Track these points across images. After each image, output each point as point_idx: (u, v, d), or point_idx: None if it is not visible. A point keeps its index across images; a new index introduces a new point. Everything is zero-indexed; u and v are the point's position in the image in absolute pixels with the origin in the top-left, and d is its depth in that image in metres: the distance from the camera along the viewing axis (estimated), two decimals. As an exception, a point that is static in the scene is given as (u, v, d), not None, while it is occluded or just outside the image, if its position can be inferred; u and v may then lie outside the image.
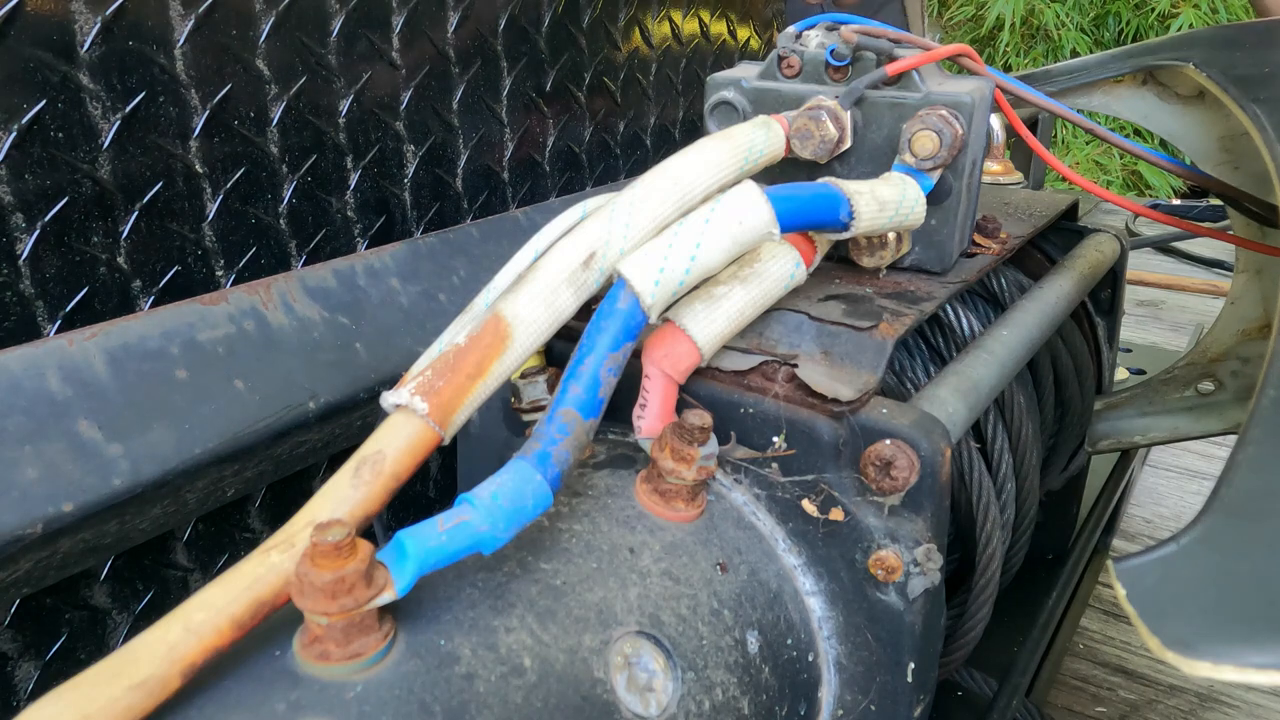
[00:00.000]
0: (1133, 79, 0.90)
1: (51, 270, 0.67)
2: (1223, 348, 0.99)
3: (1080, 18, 4.45)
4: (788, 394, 0.56)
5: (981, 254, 0.74)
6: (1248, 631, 0.32)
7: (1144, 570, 0.36)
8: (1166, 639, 0.33)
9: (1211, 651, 0.32)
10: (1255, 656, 0.31)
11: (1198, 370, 1.00)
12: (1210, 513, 0.37)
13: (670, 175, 0.55)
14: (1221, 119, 0.86)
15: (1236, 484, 0.39)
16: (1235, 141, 0.87)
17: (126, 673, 0.37)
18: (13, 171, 0.64)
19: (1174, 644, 0.32)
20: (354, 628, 0.39)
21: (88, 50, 0.66)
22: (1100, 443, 1.01)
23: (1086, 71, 0.90)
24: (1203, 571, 0.35)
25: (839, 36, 0.68)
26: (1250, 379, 0.97)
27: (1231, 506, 0.38)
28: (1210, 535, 0.36)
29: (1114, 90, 0.92)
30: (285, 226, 0.83)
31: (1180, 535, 0.37)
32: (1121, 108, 0.92)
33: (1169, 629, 0.33)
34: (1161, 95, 0.90)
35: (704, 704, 0.48)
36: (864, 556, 0.54)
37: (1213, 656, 0.32)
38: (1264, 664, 0.31)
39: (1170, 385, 1.02)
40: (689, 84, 1.36)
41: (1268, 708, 1.10)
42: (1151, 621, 0.34)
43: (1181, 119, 0.90)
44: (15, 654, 0.68)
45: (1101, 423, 1.01)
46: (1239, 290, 0.99)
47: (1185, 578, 0.35)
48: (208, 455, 0.70)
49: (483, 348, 0.48)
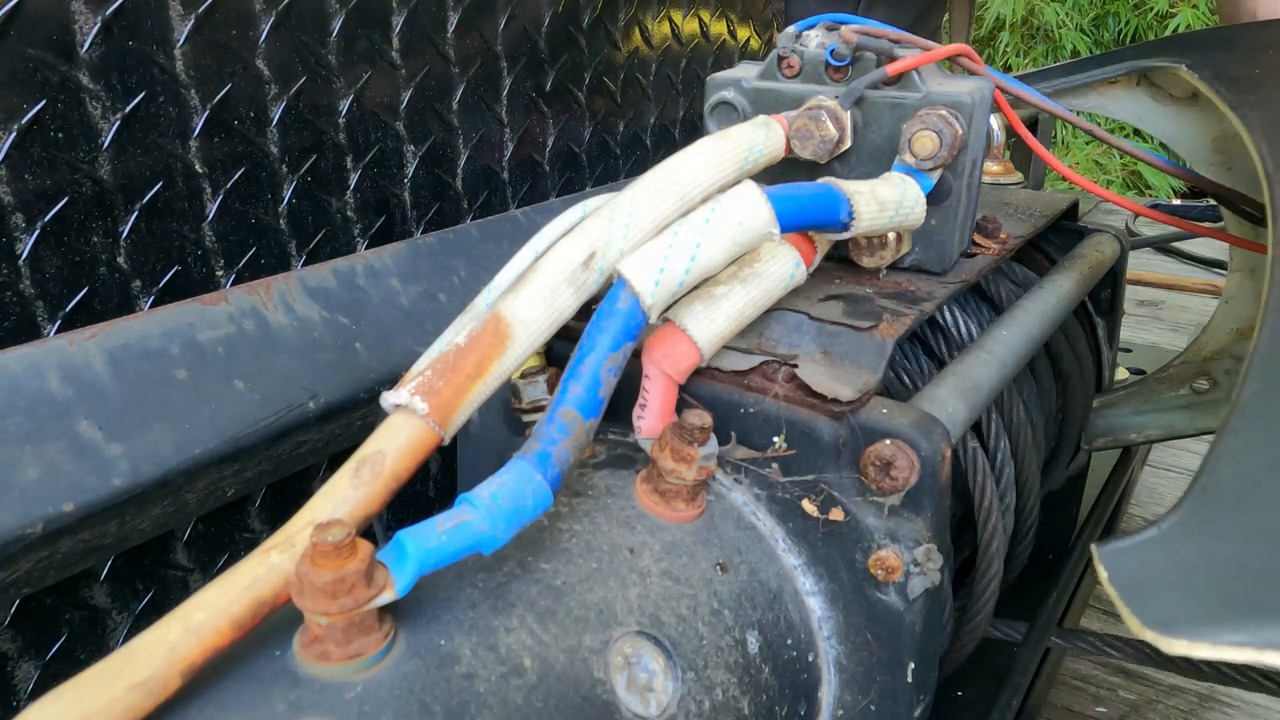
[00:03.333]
0: (1128, 80, 0.91)
1: (51, 270, 0.67)
2: (1218, 346, 0.99)
3: (1080, 18, 4.45)
4: (788, 394, 0.56)
5: (981, 254, 0.74)
6: (1224, 612, 0.33)
7: (1126, 554, 0.37)
8: (1146, 619, 0.34)
9: (1188, 630, 0.33)
10: (1230, 635, 0.32)
11: (1193, 368, 1.00)
12: (1190, 499, 0.39)
13: (670, 175, 0.55)
14: (1215, 120, 0.87)
15: (1216, 471, 0.40)
16: (1229, 142, 0.88)
17: (126, 673, 0.37)
18: (13, 171, 0.64)
19: (1153, 624, 0.33)
20: (354, 628, 0.39)
21: (88, 50, 0.66)
22: (1097, 440, 1.01)
23: (1082, 73, 0.91)
24: (1182, 555, 0.36)
25: (839, 36, 0.68)
26: (1245, 378, 0.98)
27: (1211, 493, 0.39)
28: (1190, 520, 0.38)
29: (1109, 91, 0.92)
30: (285, 226, 0.83)
31: (1161, 521, 0.38)
32: (1117, 109, 0.92)
33: (1149, 610, 0.34)
34: (1156, 96, 0.91)
35: (704, 704, 0.48)
36: (864, 556, 0.54)
37: (1189, 635, 0.33)
38: (1238, 642, 0.32)
39: (1166, 383, 1.02)
40: (689, 84, 1.36)
41: (1268, 708, 1.10)
42: (1132, 603, 0.35)
43: (1176, 120, 0.91)
44: (15, 654, 0.68)
45: (1098, 420, 1.01)
46: (1233, 289, 0.99)
47: (1165, 561, 0.36)
48: (208, 455, 0.70)
49: (483, 348, 0.48)
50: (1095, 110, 0.93)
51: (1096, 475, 1.12)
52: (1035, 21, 4.47)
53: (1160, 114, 0.91)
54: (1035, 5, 4.43)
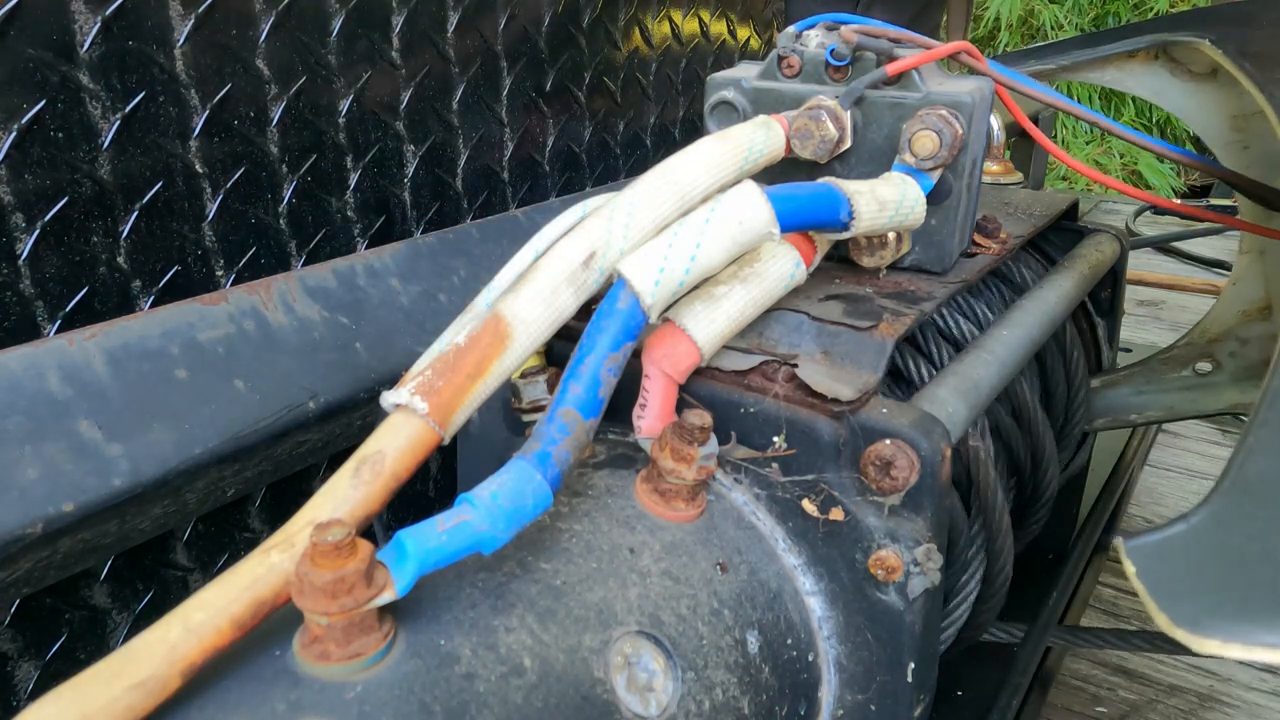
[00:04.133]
0: (1146, 55, 0.90)
1: (51, 270, 0.67)
2: (1223, 328, 0.98)
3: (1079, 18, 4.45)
4: (788, 394, 0.56)
5: (981, 254, 0.74)
6: (1256, 611, 0.32)
7: (1153, 548, 0.36)
8: (1175, 617, 0.33)
9: (1220, 630, 0.32)
10: (1263, 635, 0.32)
11: (1196, 350, 1.00)
12: (1221, 493, 0.37)
13: (670, 175, 0.55)
14: (1234, 97, 0.86)
15: (1248, 465, 0.38)
16: (1247, 121, 0.86)
17: (126, 673, 0.37)
18: (13, 171, 0.64)
19: (1183, 622, 0.33)
20: (354, 628, 0.39)
21: (88, 50, 0.66)
22: (1097, 420, 1.01)
23: (1101, 45, 0.89)
24: (1212, 551, 0.35)
25: (839, 36, 0.68)
26: (1248, 360, 0.97)
27: (1243, 487, 0.37)
28: (1220, 515, 0.36)
29: (1126, 65, 0.91)
30: (285, 226, 0.83)
31: (1190, 514, 0.37)
32: (1134, 83, 0.91)
33: (1178, 607, 0.33)
34: (1174, 71, 0.89)
35: (704, 704, 0.48)
36: (864, 556, 0.54)
37: (1221, 635, 0.32)
38: (1272, 643, 0.31)
39: (1168, 365, 1.01)
40: (689, 84, 1.36)
41: (1268, 708, 1.10)
42: (1160, 599, 0.34)
43: (1194, 96, 0.89)
44: (15, 654, 0.68)
45: (1099, 400, 1.01)
46: (1241, 271, 0.98)
47: (1194, 557, 0.35)
48: (208, 455, 0.70)
49: (483, 348, 0.48)
50: (1112, 85, 0.92)
51: (1096, 475, 1.12)
52: (1035, 22, 4.47)
53: (1178, 89, 0.89)
54: (1034, 5, 4.44)
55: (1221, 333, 0.98)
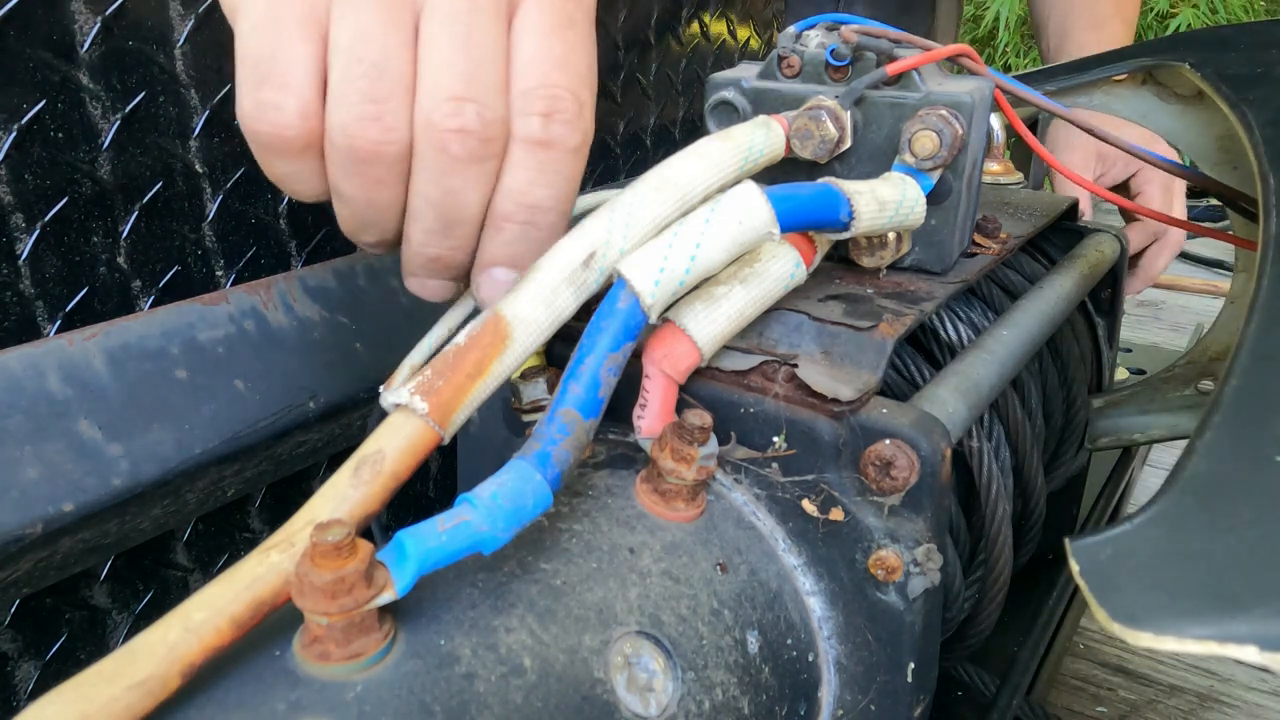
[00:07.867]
0: (1132, 78, 0.91)
1: (51, 270, 0.67)
2: (1223, 346, 0.99)
3: (1080, 18, 4.45)
4: (788, 394, 0.56)
5: (981, 254, 0.74)
6: (1190, 605, 0.33)
7: (1097, 548, 0.37)
8: (1113, 612, 0.34)
9: (1155, 623, 0.33)
10: (1195, 628, 0.32)
11: (1198, 369, 1.00)
12: (1164, 495, 0.39)
13: (670, 175, 0.55)
14: (1220, 119, 0.87)
15: (1190, 468, 0.40)
16: (1233, 141, 0.87)
17: (126, 673, 0.37)
18: (13, 171, 0.64)
19: (1119, 617, 0.33)
20: (354, 628, 0.39)
21: (88, 50, 0.66)
22: (1100, 440, 1.01)
23: (1087, 71, 0.90)
24: (1152, 549, 0.36)
25: (839, 36, 0.68)
26: (1250, 378, 0.97)
27: (1185, 487, 0.39)
28: (1161, 516, 0.37)
29: (1114, 89, 0.92)
30: (285, 226, 0.83)
31: (1134, 515, 0.38)
32: (1122, 107, 0.92)
33: (1116, 602, 0.34)
34: (1161, 95, 0.90)
35: (704, 704, 0.48)
36: (864, 556, 0.54)
37: (1155, 628, 0.33)
38: (1203, 635, 0.32)
39: (1171, 383, 1.01)
40: (689, 84, 1.36)
41: (1268, 708, 1.10)
42: (1100, 595, 0.35)
43: (1181, 118, 0.90)
44: (15, 654, 0.68)
45: (1102, 420, 1.01)
46: (1238, 289, 0.98)
47: (1135, 555, 0.36)
48: (208, 455, 0.70)
49: (483, 347, 0.48)
50: (1100, 109, 0.93)
51: (1096, 475, 1.12)
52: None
53: (1165, 112, 0.90)
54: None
55: (1222, 351, 0.99)
